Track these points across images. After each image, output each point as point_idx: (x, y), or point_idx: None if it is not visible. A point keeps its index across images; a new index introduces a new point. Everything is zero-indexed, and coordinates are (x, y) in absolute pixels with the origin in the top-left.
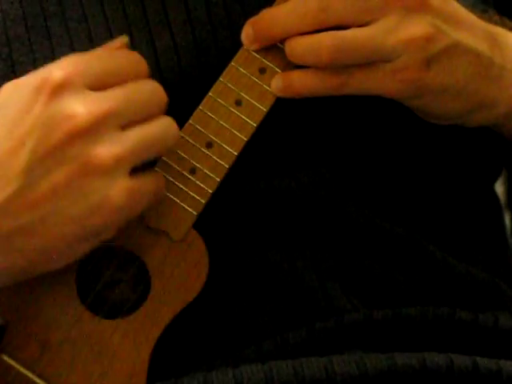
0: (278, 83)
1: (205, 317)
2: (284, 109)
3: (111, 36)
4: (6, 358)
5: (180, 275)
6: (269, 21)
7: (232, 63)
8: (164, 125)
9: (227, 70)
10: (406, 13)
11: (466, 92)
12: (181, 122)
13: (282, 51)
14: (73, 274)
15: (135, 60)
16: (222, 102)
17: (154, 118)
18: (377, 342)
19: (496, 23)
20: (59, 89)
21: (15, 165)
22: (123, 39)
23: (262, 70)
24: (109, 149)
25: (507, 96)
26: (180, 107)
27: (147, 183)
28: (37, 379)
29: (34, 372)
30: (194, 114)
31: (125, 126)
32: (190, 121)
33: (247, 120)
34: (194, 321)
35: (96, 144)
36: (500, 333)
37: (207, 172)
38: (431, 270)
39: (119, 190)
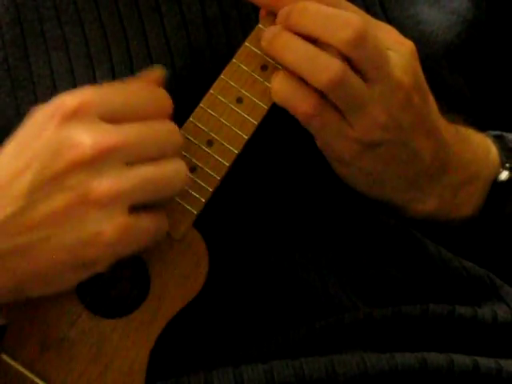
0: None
1: (205, 316)
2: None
3: (106, 40)
4: (5, 357)
5: (180, 274)
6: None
7: (233, 60)
8: (173, 168)
9: (228, 66)
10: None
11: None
12: (176, 125)
13: None
14: None
15: (160, 98)
16: (223, 100)
17: (164, 160)
18: (377, 341)
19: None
20: (70, 116)
21: (18, 186)
22: (161, 71)
23: (264, 67)
24: (109, 183)
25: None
26: (175, 111)
27: (145, 222)
28: (36, 379)
29: (33, 371)
30: (195, 111)
31: (132, 163)
32: (191, 118)
33: (248, 118)
34: (194, 320)
35: (97, 177)
36: (499, 327)
37: (207, 170)
38: (427, 265)
39: (114, 225)
